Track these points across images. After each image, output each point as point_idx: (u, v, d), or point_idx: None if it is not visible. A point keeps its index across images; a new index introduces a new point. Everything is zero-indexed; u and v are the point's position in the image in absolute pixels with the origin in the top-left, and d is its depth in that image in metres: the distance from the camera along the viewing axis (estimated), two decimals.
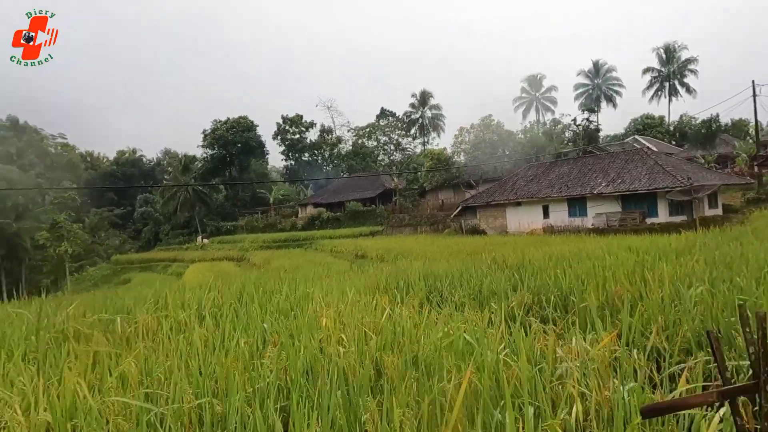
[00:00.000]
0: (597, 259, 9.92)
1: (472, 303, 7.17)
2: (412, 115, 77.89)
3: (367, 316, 5.55)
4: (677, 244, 12.83)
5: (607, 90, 78.85)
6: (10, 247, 54.49)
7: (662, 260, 8.54)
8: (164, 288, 10.57)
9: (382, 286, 8.69)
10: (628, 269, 7.44)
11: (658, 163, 32.68)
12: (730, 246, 10.85)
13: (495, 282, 7.85)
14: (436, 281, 8.61)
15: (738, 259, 7.65)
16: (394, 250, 32.91)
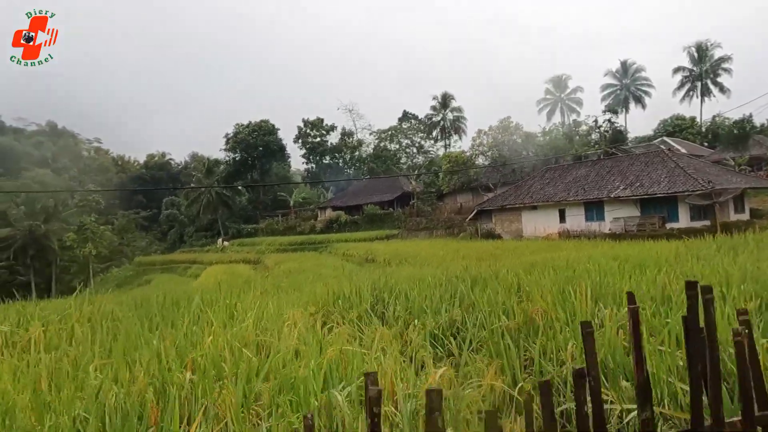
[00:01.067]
0: (565, 269, 9.30)
1: (408, 318, 6.69)
2: (434, 118, 77.20)
3: (264, 335, 5.15)
4: (669, 253, 12.01)
5: (636, 90, 76.52)
6: (39, 248, 56.22)
7: (625, 274, 7.89)
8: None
9: (326, 299, 8.24)
10: (566, 284, 6.82)
11: (680, 165, 31.27)
12: (721, 258, 10.04)
13: (437, 296, 7.32)
14: (382, 293, 8.15)
15: (706, 277, 6.94)
16: (402, 254, 32.45)
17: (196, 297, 8.00)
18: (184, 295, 9.37)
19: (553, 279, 7.71)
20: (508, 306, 5.90)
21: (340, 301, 7.87)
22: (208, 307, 7.09)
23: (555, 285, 6.79)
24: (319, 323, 6.19)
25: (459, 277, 9.45)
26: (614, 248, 18.19)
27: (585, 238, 32.48)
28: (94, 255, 62.42)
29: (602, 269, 8.78)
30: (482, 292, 7.07)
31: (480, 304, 6.13)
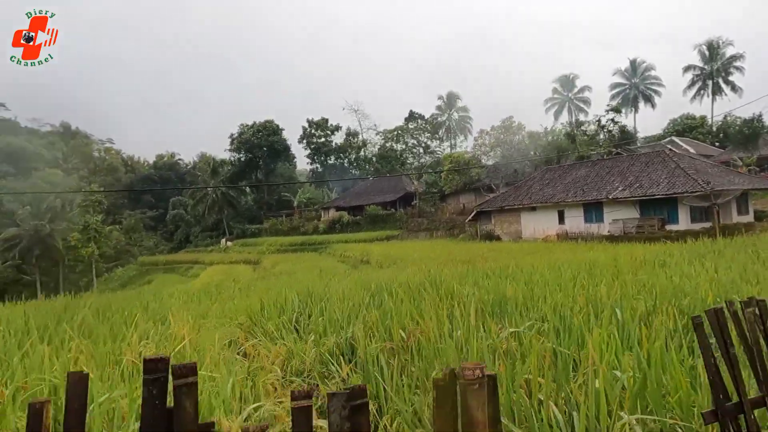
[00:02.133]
0: (512, 276, 8.87)
1: (321, 332, 6.32)
2: (439, 118, 76.61)
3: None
4: (639, 258, 11.50)
5: (645, 89, 75.20)
6: (44, 248, 56.70)
7: (568, 284, 7.44)
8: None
9: (255, 308, 7.89)
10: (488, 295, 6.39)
11: (680, 166, 30.47)
12: (686, 266, 9.54)
13: (354, 308, 6.90)
14: (312, 302, 7.78)
15: (646, 290, 6.47)
16: (395, 256, 32.10)
17: (85, 309, 7.70)
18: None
19: (488, 288, 7.30)
20: (405, 322, 5.49)
21: (265, 311, 7.52)
22: (105, 321, 6.78)
23: (480, 296, 6.37)
24: (242, 336, 5.87)
25: (408, 284, 9.06)
26: (598, 252, 17.68)
27: (583, 240, 31.90)
28: (99, 255, 62.96)
29: (550, 278, 8.35)
30: (399, 304, 6.66)
31: (381, 320, 5.72)
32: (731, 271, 7.30)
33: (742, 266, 8.03)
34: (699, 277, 6.83)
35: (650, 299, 5.50)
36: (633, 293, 6.06)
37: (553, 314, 5.03)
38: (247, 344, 5.79)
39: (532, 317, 5.22)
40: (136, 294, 16.87)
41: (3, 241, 55.49)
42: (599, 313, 5.07)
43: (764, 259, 9.37)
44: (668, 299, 5.34)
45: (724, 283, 5.91)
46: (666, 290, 5.82)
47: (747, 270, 7.34)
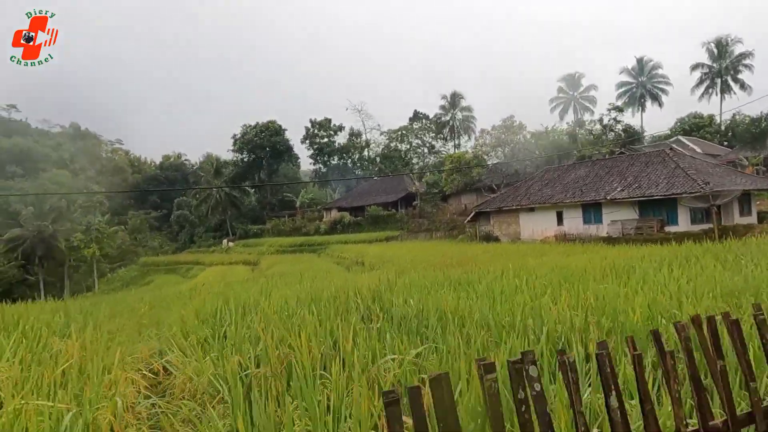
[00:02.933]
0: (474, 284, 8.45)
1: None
2: (442, 118, 76.00)
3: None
4: (612, 263, 11.03)
5: (653, 88, 74.09)
6: (47, 248, 57.00)
7: (515, 293, 7.02)
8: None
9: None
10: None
11: (680, 166, 29.75)
12: (652, 274, 9.08)
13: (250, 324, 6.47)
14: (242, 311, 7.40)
15: (594, 307, 6.02)
16: (389, 258, 31.76)
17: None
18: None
19: (428, 299, 6.89)
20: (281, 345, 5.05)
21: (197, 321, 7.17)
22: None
23: (413, 309, 5.97)
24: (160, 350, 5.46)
25: (344, 295, 8.65)
26: (590, 254, 17.24)
27: (579, 242, 31.31)
28: (102, 255, 63.22)
29: (507, 288, 7.93)
30: (312, 321, 6.24)
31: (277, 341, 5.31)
32: (689, 283, 6.84)
33: (707, 276, 7.56)
34: (651, 289, 6.39)
35: (581, 315, 5.08)
36: (571, 306, 5.64)
37: (459, 333, 4.63)
38: (155, 363, 5.44)
39: (446, 334, 4.82)
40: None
41: (6, 242, 55.85)
42: (516, 331, 4.66)
43: (733, 266, 8.90)
44: (597, 317, 4.92)
45: (660, 303, 5.44)
46: (601, 305, 5.39)
47: (705, 280, 6.87)
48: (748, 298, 5.73)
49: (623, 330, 4.50)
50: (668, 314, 4.93)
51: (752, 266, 9.12)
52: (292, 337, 4.88)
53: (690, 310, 4.89)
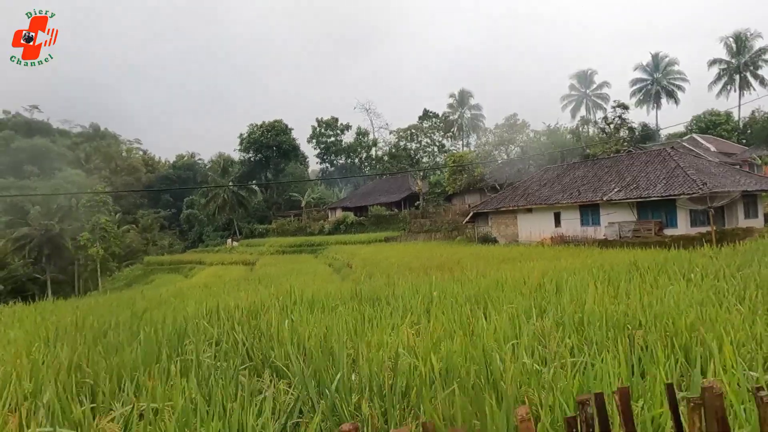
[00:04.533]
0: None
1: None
2: (450, 116, 74.86)
3: None
4: (562, 270, 10.14)
5: (668, 85, 71.92)
6: (53, 247, 57.67)
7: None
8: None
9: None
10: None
11: (680, 165, 28.34)
12: (579, 289, 8.20)
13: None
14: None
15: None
16: (377, 260, 30.95)
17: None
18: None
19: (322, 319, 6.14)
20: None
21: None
22: None
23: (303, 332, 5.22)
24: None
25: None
26: (571, 259, 16.32)
27: (574, 244, 30.12)
28: (110, 254, 63.77)
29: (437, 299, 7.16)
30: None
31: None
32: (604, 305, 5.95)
33: (632, 297, 6.65)
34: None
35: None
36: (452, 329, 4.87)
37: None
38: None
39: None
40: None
41: (14, 240, 56.62)
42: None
43: (694, 281, 7.97)
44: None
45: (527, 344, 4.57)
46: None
47: (624, 304, 5.97)
48: (651, 329, 4.87)
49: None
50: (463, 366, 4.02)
51: (698, 281, 8.20)
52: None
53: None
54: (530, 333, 4.84)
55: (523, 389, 3.41)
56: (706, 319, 4.94)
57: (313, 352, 4.48)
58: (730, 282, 7.49)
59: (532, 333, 4.85)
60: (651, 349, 4.10)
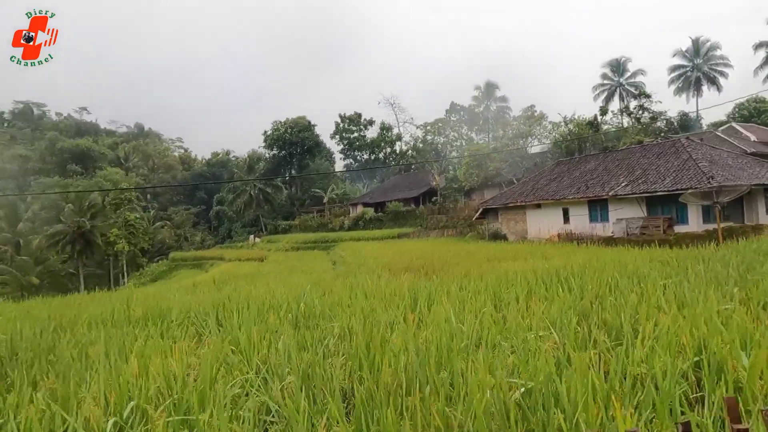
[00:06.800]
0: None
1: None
2: (476, 109, 73.01)
3: None
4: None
5: (710, 71, 67.48)
6: (85, 243, 59.99)
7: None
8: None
9: None
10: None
11: (692, 157, 26.28)
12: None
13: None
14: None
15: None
16: (375, 257, 30.24)
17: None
18: None
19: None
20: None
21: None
22: None
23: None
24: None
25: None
26: (559, 258, 15.33)
27: (583, 242, 28.53)
28: (139, 249, 65.90)
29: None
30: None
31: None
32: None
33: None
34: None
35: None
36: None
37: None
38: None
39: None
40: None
41: (49, 237, 59.21)
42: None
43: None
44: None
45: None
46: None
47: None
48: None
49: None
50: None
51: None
52: None
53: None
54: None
55: None
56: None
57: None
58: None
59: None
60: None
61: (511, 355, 4.53)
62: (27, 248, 62.46)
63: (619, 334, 5.18)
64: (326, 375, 3.67)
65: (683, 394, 3.67)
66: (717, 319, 4.63)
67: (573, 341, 5.01)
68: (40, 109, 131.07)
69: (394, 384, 3.07)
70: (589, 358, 4.35)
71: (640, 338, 4.63)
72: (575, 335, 5.15)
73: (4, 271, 58.08)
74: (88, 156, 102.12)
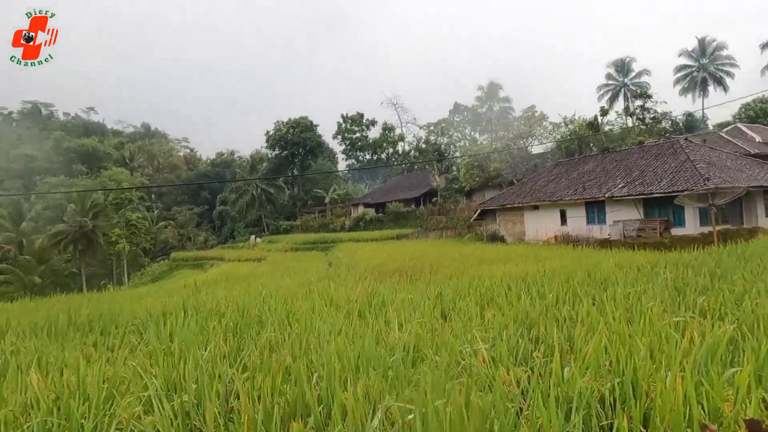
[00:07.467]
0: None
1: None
2: (478, 109, 72.59)
3: None
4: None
5: (716, 71, 66.69)
6: (87, 243, 60.20)
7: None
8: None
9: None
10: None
11: (690, 159, 25.82)
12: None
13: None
14: None
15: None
16: (364, 260, 30.00)
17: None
18: None
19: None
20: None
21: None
22: None
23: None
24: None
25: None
26: (529, 264, 14.99)
27: (579, 244, 28.11)
28: (140, 249, 66.02)
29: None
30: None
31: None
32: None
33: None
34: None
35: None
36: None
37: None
38: None
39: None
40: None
41: (52, 236, 59.48)
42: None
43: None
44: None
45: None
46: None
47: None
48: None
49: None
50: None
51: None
52: None
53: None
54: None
55: None
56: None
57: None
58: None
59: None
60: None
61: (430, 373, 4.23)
62: (30, 248, 62.85)
63: (556, 347, 4.87)
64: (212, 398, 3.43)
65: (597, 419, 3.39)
66: (654, 336, 4.36)
67: (507, 356, 4.73)
68: (48, 109, 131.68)
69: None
70: (515, 378, 4.09)
71: (572, 355, 4.37)
72: (509, 350, 4.87)
73: (7, 271, 58.45)
74: (94, 156, 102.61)
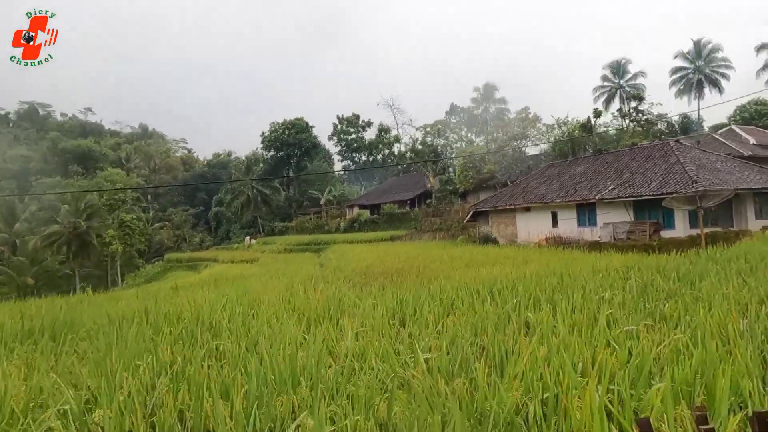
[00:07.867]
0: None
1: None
2: (474, 111, 72.48)
3: None
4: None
5: (711, 73, 66.56)
6: (81, 244, 59.99)
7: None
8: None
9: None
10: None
11: (680, 161, 25.72)
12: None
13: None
14: None
15: None
16: (357, 260, 29.92)
17: None
18: None
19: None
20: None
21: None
22: None
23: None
24: None
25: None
26: (533, 265, 14.96)
27: (569, 246, 28.00)
28: (135, 250, 65.83)
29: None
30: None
31: None
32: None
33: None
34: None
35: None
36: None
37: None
38: None
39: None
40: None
41: (45, 237, 59.28)
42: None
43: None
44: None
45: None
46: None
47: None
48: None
49: None
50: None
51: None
52: None
53: None
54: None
55: None
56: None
57: None
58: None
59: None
60: None
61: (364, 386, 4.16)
62: (23, 249, 62.63)
63: (501, 359, 4.79)
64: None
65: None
66: (600, 345, 4.26)
67: (447, 367, 4.63)
68: (45, 110, 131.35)
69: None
70: (451, 390, 3.99)
71: (510, 368, 4.26)
72: (450, 360, 4.77)
73: (0, 272, 58.25)
74: (90, 156, 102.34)
